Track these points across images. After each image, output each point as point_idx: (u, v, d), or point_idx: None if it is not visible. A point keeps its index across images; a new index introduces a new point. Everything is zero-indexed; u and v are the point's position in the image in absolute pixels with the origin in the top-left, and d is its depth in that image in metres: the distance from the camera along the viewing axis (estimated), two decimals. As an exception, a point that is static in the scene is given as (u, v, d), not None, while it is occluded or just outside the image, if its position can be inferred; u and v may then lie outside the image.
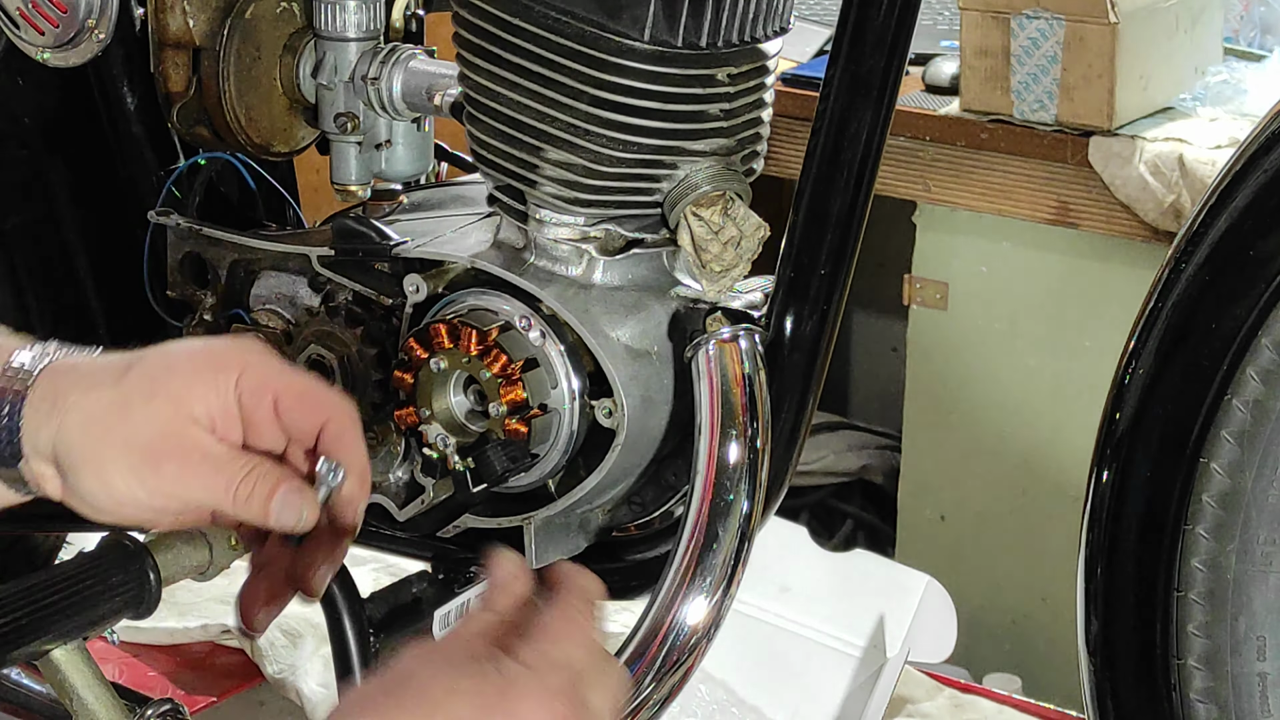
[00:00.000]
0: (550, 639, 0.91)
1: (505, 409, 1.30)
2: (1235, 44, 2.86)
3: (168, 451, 1.00)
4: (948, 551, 2.95)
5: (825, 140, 1.28)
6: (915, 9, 1.27)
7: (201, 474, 1.01)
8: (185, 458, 1.00)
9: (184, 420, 1.01)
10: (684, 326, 1.30)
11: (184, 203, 1.50)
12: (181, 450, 1.00)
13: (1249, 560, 1.21)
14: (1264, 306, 1.17)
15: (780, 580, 1.92)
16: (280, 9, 1.46)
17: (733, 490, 1.25)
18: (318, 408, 1.03)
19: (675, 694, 1.27)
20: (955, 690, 2.02)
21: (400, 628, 1.52)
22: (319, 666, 1.97)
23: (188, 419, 1.01)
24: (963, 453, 2.93)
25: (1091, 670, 1.28)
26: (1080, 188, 2.67)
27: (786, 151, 2.69)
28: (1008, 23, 2.64)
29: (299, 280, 1.43)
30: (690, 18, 1.24)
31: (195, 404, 1.01)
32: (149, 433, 1.00)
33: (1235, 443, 1.19)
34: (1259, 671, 1.23)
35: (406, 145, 1.47)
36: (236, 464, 1.01)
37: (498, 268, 1.33)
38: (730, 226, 1.27)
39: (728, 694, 1.90)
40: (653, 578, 1.30)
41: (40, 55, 1.47)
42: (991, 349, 2.86)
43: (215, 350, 1.04)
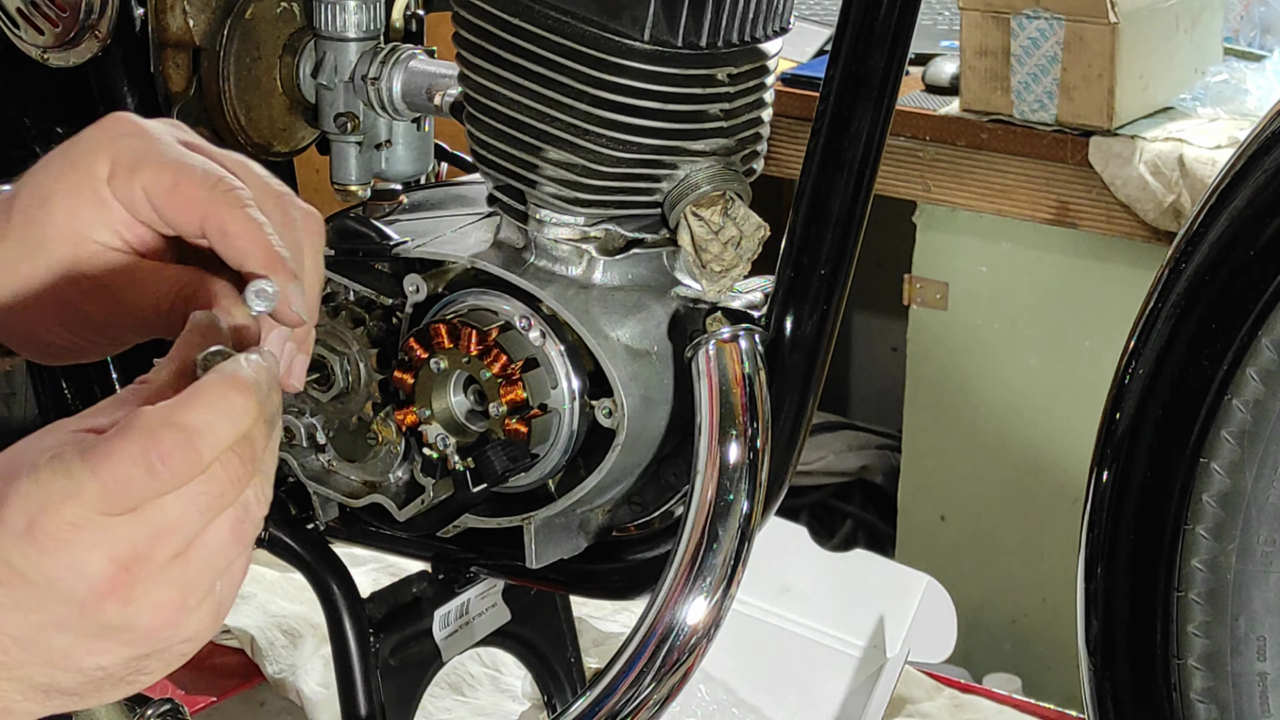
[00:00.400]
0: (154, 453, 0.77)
1: (505, 409, 1.30)
2: (1235, 44, 2.86)
3: (88, 289, 0.92)
4: (948, 551, 2.95)
5: (825, 140, 1.28)
6: (915, 9, 1.26)
7: (126, 292, 0.92)
8: (102, 285, 0.91)
9: (91, 251, 0.91)
10: (684, 326, 1.30)
11: (184, 203, 1.50)
12: (102, 282, 0.91)
13: (1249, 560, 1.21)
14: (1264, 306, 1.17)
15: (780, 580, 1.92)
16: (280, 9, 1.46)
17: (733, 490, 1.25)
18: (189, 204, 0.90)
19: (675, 694, 1.27)
20: (955, 690, 2.02)
21: (400, 628, 1.52)
22: (319, 666, 1.97)
23: (93, 248, 0.92)
24: (963, 453, 2.93)
25: (1091, 670, 1.28)
26: (1080, 188, 2.67)
27: (786, 151, 2.69)
28: (1008, 23, 2.64)
29: (299, 280, 1.43)
30: (690, 18, 1.24)
31: (92, 228, 0.91)
32: (53, 281, 0.92)
33: (1235, 443, 1.19)
34: (1259, 671, 1.23)
35: (406, 145, 1.47)
36: (162, 281, 0.91)
37: (498, 268, 1.33)
38: (730, 226, 1.27)
39: (728, 694, 1.90)
40: (653, 578, 1.30)
41: (40, 55, 1.47)
42: (991, 349, 2.86)
43: (81, 154, 0.92)
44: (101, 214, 0.91)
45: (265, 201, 0.93)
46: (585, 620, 2.02)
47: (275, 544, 1.49)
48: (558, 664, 1.66)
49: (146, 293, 0.91)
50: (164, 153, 0.91)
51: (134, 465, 0.76)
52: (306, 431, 1.40)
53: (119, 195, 0.90)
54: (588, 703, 1.27)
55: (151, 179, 0.90)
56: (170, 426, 0.77)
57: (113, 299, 0.91)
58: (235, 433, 0.78)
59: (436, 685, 1.78)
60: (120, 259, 0.92)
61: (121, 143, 0.91)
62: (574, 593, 1.56)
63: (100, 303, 0.92)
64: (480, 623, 1.58)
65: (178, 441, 0.76)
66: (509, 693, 1.97)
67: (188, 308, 0.88)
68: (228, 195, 0.90)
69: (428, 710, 1.90)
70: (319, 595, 1.50)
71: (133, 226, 0.91)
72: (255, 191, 0.92)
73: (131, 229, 0.91)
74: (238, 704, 1.99)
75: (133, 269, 0.92)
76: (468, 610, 1.56)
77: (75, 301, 0.92)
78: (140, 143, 0.91)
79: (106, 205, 0.91)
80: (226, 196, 0.90)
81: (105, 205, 0.91)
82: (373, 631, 1.49)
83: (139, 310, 0.92)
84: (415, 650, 1.53)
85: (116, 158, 0.90)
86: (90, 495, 0.76)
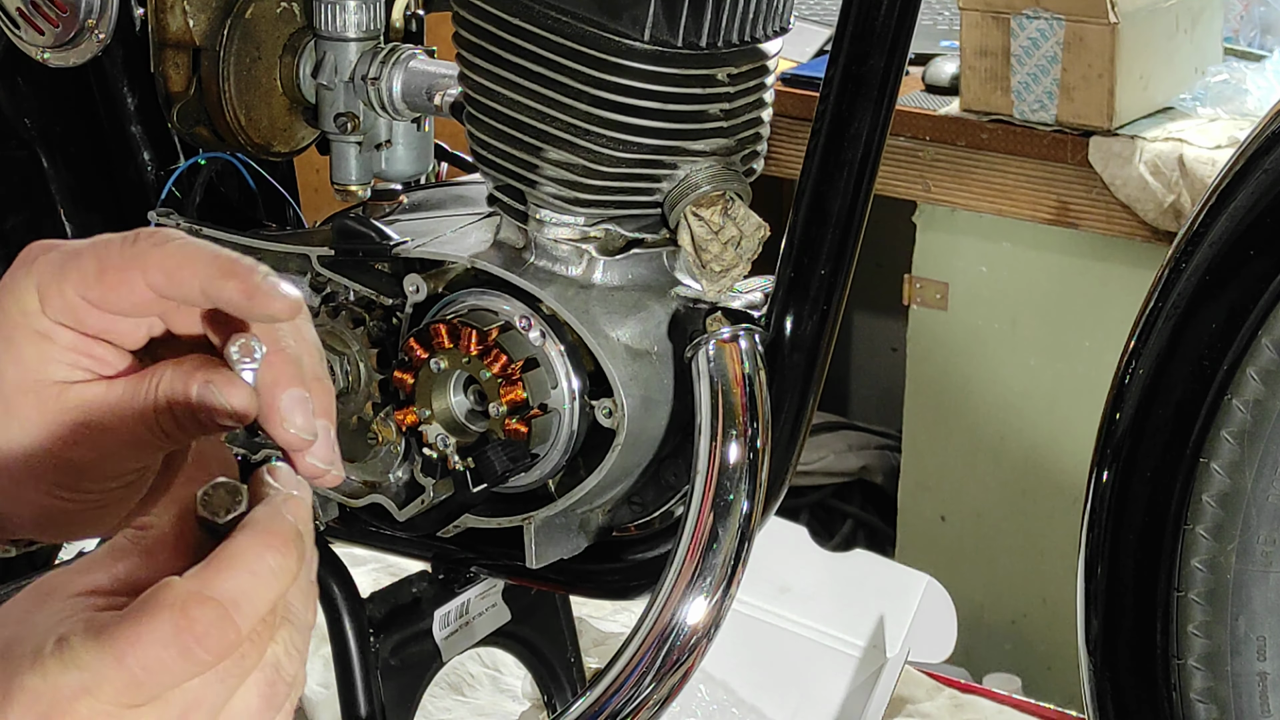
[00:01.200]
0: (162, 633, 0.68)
1: (505, 409, 1.30)
2: (1235, 44, 2.86)
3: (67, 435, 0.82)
4: (948, 551, 2.95)
5: (825, 140, 1.28)
6: (915, 9, 1.26)
7: (109, 431, 0.82)
8: (83, 429, 0.82)
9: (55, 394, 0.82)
10: (684, 326, 1.30)
11: (184, 203, 1.50)
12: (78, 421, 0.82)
13: (1249, 560, 1.21)
14: (1264, 306, 1.17)
15: (780, 580, 1.92)
16: (280, 9, 1.46)
17: (733, 490, 1.25)
18: (120, 274, 0.80)
19: (675, 694, 1.27)
20: (955, 690, 2.02)
21: (400, 628, 1.52)
22: (319, 666, 1.97)
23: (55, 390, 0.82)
24: (963, 453, 2.93)
25: (1091, 670, 1.28)
26: (1080, 188, 2.67)
27: (786, 151, 2.69)
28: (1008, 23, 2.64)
29: (299, 280, 1.43)
30: (690, 18, 1.24)
31: (45, 368, 0.82)
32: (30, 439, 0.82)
33: (1235, 443, 1.19)
34: (1259, 671, 1.23)
35: (406, 145, 1.47)
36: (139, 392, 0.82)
37: (498, 268, 1.33)
38: (730, 226, 1.27)
39: (728, 694, 1.90)
40: (653, 578, 1.30)
41: (40, 55, 1.47)
42: (991, 349, 2.86)
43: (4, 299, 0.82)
44: (49, 349, 0.82)
45: None
46: (585, 620, 2.02)
47: (275, 544, 1.48)
48: (558, 664, 1.66)
49: (128, 411, 0.82)
50: (77, 250, 0.81)
51: (165, 649, 0.67)
52: (306, 431, 1.40)
53: (59, 318, 0.81)
54: (588, 703, 1.27)
55: (77, 278, 0.80)
56: (205, 602, 0.68)
57: (96, 434, 0.82)
58: (275, 598, 0.70)
59: (436, 685, 1.78)
60: (88, 390, 0.82)
61: (38, 267, 0.81)
62: (574, 593, 1.56)
63: (85, 444, 0.82)
64: (480, 623, 1.58)
65: (215, 619, 0.68)
66: (509, 693, 1.98)
67: (175, 408, 0.80)
68: (151, 239, 0.80)
69: (428, 710, 1.90)
70: (319, 595, 1.50)
71: (88, 348, 0.82)
72: None
73: (87, 352, 0.82)
74: (238, 704, 1.99)
75: (104, 393, 0.82)
76: (468, 610, 1.56)
77: (59, 453, 0.82)
78: (55, 255, 0.81)
79: (50, 338, 0.81)
80: (150, 241, 0.80)
81: (48, 338, 0.81)
82: (373, 631, 1.49)
83: (128, 433, 0.82)
84: (415, 650, 1.53)
85: (39, 283, 0.81)
86: (112, 688, 0.67)
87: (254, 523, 0.71)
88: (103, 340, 0.82)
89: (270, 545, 0.70)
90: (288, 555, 0.70)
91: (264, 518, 0.71)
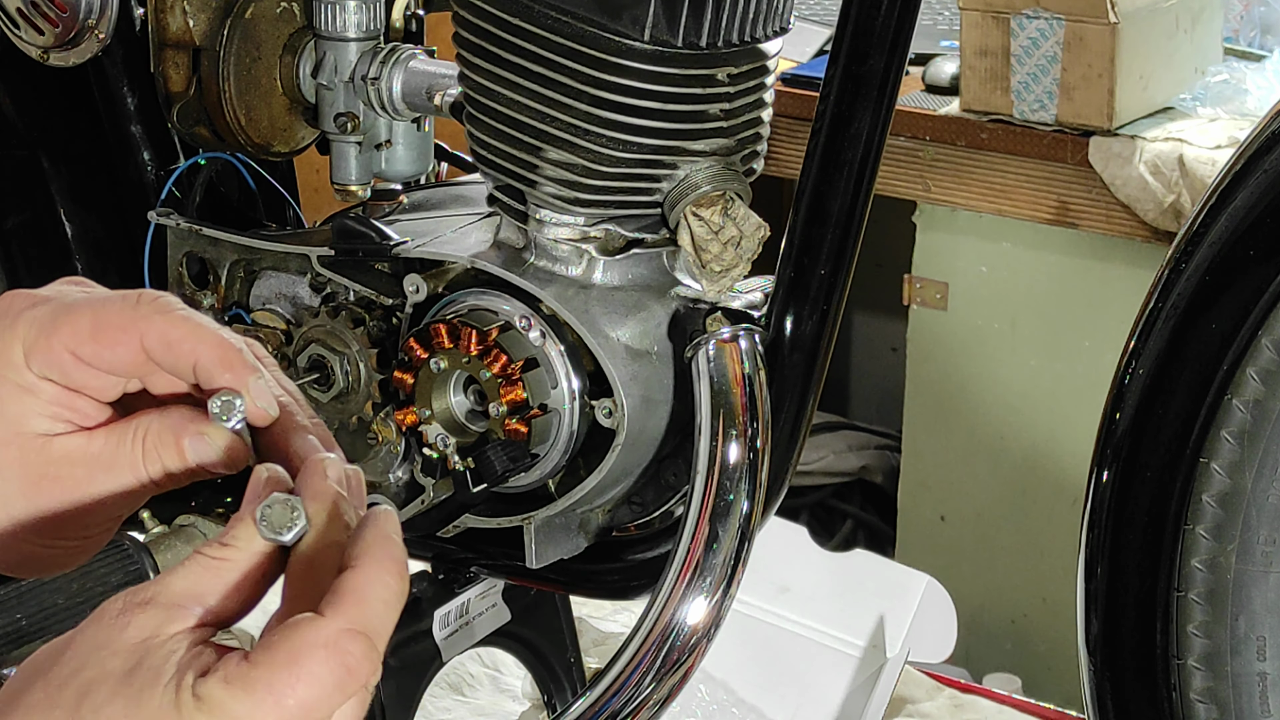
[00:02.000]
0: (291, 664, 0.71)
1: (505, 409, 1.30)
2: (1235, 44, 2.86)
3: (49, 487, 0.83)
4: (948, 551, 2.95)
5: (825, 140, 1.28)
6: (915, 9, 1.26)
7: (97, 481, 0.83)
8: (67, 480, 0.83)
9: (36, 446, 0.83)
10: (684, 326, 1.30)
11: (184, 203, 1.50)
12: (60, 473, 0.83)
13: (1249, 560, 1.21)
14: (1264, 306, 1.17)
15: (780, 580, 1.92)
16: (280, 9, 1.46)
17: (733, 490, 1.25)
18: (118, 334, 0.82)
19: (675, 694, 1.27)
20: (955, 690, 2.02)
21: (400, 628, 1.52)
22: (319, 666, 1.96)
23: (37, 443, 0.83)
24: (963, 453, 2.93)
25: (1091, 670, 1.28)
26: (1080, 188, 2.67)
27: (786, 151, 2.69)
28: (1008, 23, 2.64)
29: (299, 280, 1.43)
30: (690, 18, 1.24)
31: (27, 420, 0.83)
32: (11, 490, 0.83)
33: (1235, 443, 1.19)
34: (1259, 671, 1.23)
35: (406, 145, 1.47)
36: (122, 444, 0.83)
37: (498, 268, 1.33)
38: (730, 226, 1.27)
39: (728, 694, 1.90)
40: (653, 578, 1.30)
41: (40, 55, 1.47)
42: (991, 349, 2.86)
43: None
44: (31, 402, 0.82)
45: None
46: (585, 620, 2.02)
47: (275, 544, 1.48)
48: (558, 664, 1.66)
49: (113, 462, 0.83)
50: (72, 305, 0.82)
51: (324, 686, 0.71)
52: (306, 431, 1.40)
53: (45, 371, 0.82)
54: (588, 703, 1.27)
55: (69, 333, 0.81)
56: (357, 638, 0.72)
57: (78, 484, 0.83)
58: (397, 618, 0.74)
59: (436, 685, 1.77)
60: (69, 441, 0.83)
61: (24, 319, 0.82)
62: (574, 593, 1.56)
63: (67, 493, 0.83)
64: (480, 623, 1.58)
65: (366, 651, 0.72)
66: (509, 693, 1.97)
67: (164, 458, 0.82)
68: (154, 305, 0.82)
69: (428, 710, 1.90)
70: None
71: (70, 401, 0.83)
72: None
73: (70, 405, 0.83)
74: (238, 704, 1.99)
75: (85, 445, 0.83)
76: (468, 610, 1.56)
77: (40, 504, 0.83)
78: (43, 310, 0.82)
79: (33, 391, 0.82)
80: (154, 306, 0.82)
81: (32, 391, 0.82)
82: (373, 631, 1.49)
83: (113, 483, 0.83)
84: (415, 650, 1.53)
85: (25, 336, 0.82)
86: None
87: (371, 549, 0.74)
88: (84, 395, 0.83)
89: (393, 572, 0.74)
90: (405, 578, 0.74)
91: (377, 542, 0.75)
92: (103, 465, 0.83)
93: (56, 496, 0.83)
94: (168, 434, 0.82)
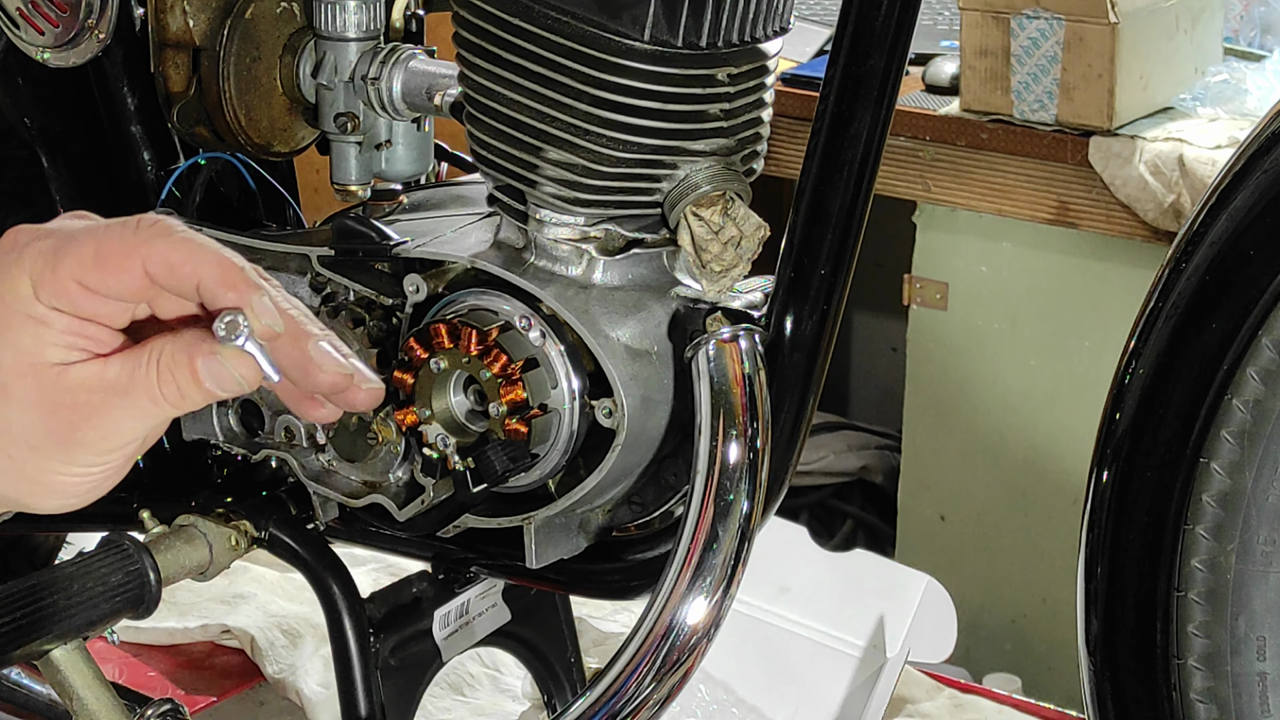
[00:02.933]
0: None
1: (505, 409, 1.30)
2: (1235, 44, 2.86)
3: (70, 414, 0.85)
4: (948, 551, 2.95)
5: (825, 140, 1.28)
6: (915, 9, 1.27)
7: (114, 407, 0.84)
8: (85, 408, 0.84)
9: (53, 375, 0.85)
10: (684, 326, 1.30)
11: (184, 203, 1.50)
12: (79, 400, 0.84)
13: (1249, 560, 1.21)
14: (1264, 306, 1.17)
15: (780, 580, 1.92)
16: (280, 9, 1.46)
17: (733, 490, 1.25)
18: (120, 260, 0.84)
19: (675, 694, 1.27)
20: (955, 690, 2.02)
21: (400, 628, 1.52)
22: (319, 666, 1.97)
23: (53, 372, 0.85)
24: (963, 453, 2.93)
25: (1091, 670, 1.28)
26: (1080, 188, 2.67)
27: (786, 151, 2.69)
28: (1008, 23, 2.64)
29: (299, 280, 1.43)
30: (690, 18, 1.24)
31: (42, 351, 0.84)
32: (30, 420, 0.85)
33: (1235, 443, 1.19)
34: (1259, 671, 1.23)
35: (406, 145, 1.47)
36: (138, 369, 0.84)
37: (498, 268, 1.33)
38: (730, 226, 1.27)
39: (728, 694, 1.90)
40: (653, 578, 1.30)
41: (40, 55, 1.47)
42: (991, 349, 2.86)
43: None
44: (44, 333, 0.84)
45: None
46: (585, 620, 2.02)
47: (275, 544, 1.49)
48: (558, 664, 1.66)
49: (129, 387, 0.84)
50: (74, 235, 0.85)
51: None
52: (306, 431, 1.40)
53: (54, 302, 0.84)
54: (588, 703, 1.27)
55: (74, 263, 0.83)
56: None
57: (95, 410, 0.85)
58: None
59: (436, 685, 1.78)
60: (85, 369, 0.85)
61: (29, 252, 0.84)
62: (574, 593, 1.56)
63: (85, 419, 0.85)
64: (480, 623, 1.58)
65: None
66: (509, 693, 1.98)
67: (177, 379, 0.83)
68: (154, 229, 0.84)
69: (428, 710, 1.90)
70: (319, 595, 1.50)
71: (82, 329, 0.85)
72: None
73: (82, 333, 0.85)
74: (238, 704, 1.99)
75: (101, 372, 0.85)
76: (468, 610, 1.56)
77: (62, 433, 0.85)
78: (46, 243, 0.84)
79: (45, 322, 0.84)
80: (154, 230, 0.84)
81: (44, 322, 0.84)
82: (373, 631, 1.49)
83: (130, 408, 0.85)
84: (415, 650, 1.53)
85: (32, 269, 0.84)
86: None
87: None
88: (95, 323, 0.85)
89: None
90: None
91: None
92: (119, 391, 0.84)
93: (75, 423, 0.84)
94: (180, 355, 0.83)
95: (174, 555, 1.42)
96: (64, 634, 1.29)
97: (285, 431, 1.40)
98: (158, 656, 2.05)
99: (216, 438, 1.44)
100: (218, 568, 1.46)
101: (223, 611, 2.08)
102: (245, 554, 1.47)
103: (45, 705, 1.72)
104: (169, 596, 1.19)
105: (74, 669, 1.32)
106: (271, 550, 1.49)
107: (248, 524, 1.47)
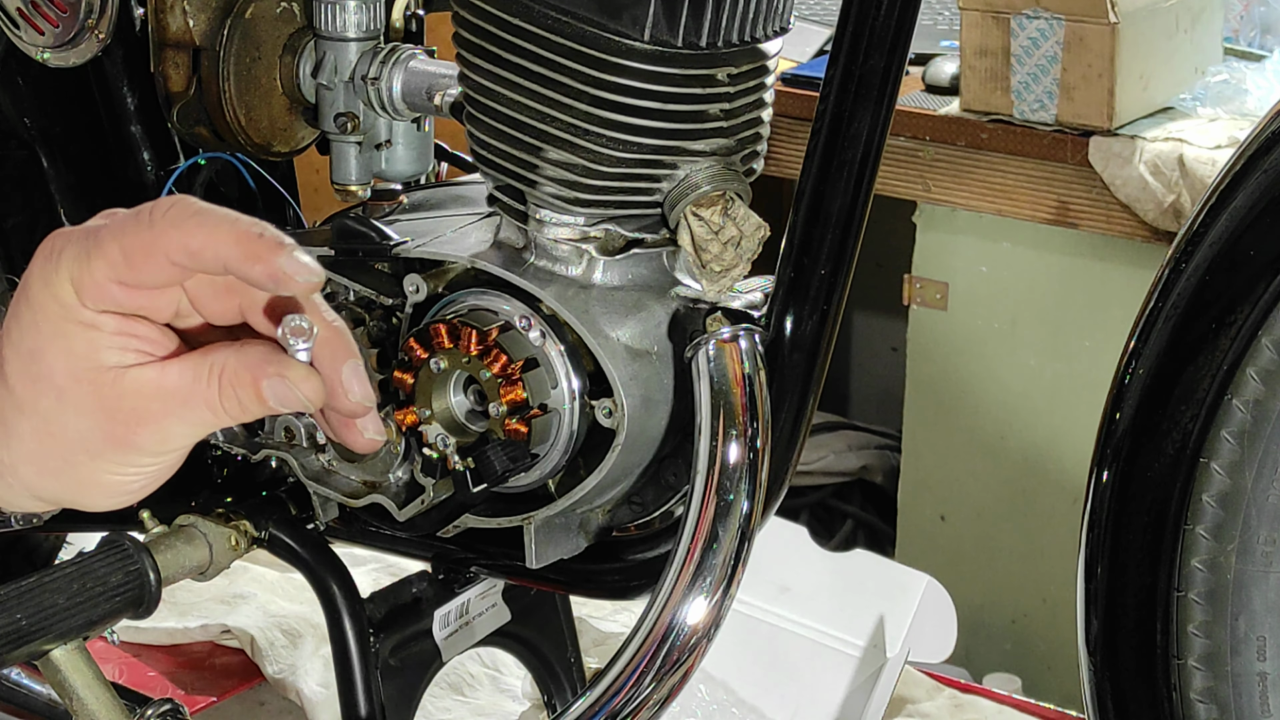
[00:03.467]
0: None
1: (505, 409, 1.30)
2: (1235, 44, 2.86)
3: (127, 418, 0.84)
4: (948, 551, 2.95)
5: (825, 140, 1.28)
6: (915, 9, 1.26)
7: (172, 415, 0.84)
8: (142, 413, 0.84)
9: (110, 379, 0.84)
10: (684, 326, 1.30)
11: (184, 203, 1.50)
12: (137, 403, 0.84)
13: (1249, 560, 1.21)
14: (1264, 306, 1.17)
15: (780, 580, 1.92)
16: (280, 9, 1.46)
17: (733, 490, 1.25)
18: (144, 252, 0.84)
19: (675, 694, 1.27)
20: (955, 690, 2.02)
21: (400, 628, 1.52)
22: (319, 666, 1.97)
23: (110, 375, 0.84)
24: (963, 453, 2.93)
25: (1091, 670, 1.28)
26: (1080, 188, 2.67)
27: (786, 151, 2.69)
28: (1008, 23, 2.64)
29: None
30: (690, 18, 1.24)
31: (96, 354, 0.84)
32: (87, 425, 0.85)
33: (1235, 443, 1.19)
34: (1259, 671, 1.23)
35: (406, 145, 1.47)
36: (198, 380, 0.84)
37: (498, 268, 1.33)
38: (730, 226, 1.27)
39: (728, 694, 1.90)
40: (653, 578, 1.30)
41: (40, 55, 1.47)
42: (991, 349, 2.86)
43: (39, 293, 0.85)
44: (96, 336, 0.84)
45: None
46: (585, 620, 2.02)
47: (275, 544, 1.49)
48: (558, 664, 1.66)
49: (188, 398, 0.84)
50: (99, 236, 0.84)
51: None
52: (306, 431, 1.40)
53: (100, 305, 0.84)
54: (588, 703, 1.27)
55: (105, 265, 0.83)
56: None
57: (154, 417, 0.84)
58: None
59: (436, 685, 1.78)
60: (143, 374, 0.84)
61: (66, 256, 0.84)
62: (574, 593, 1.56)
63: (143, 424, 0.84)
64: (480, 623, 1.58)
65: None
66: (509, 693, 1.98)
67: (240, 396, 0.83)
68: (167, 218, 0.83)
69: (428, 710, 1.90)
70: (319, 595, 1.50)
71: (132, 329, 0.85)
72: None
73: (132, 333, 0.85)
74: (238, 704, 1.99)
75: (159, 377, 0.84)
76: (468, 610, 1.56)
77: (120, 436, 0.85)
78: (79, 245, 0.84)
79: (95, 325, 0.84)
80: (167, 220, 0.83)
81: (94, 326, 0.84)
82: (373, 631, 1.49)
83: (189, 417, 0.84)
84: (415, 650, 1.53)
85: (73, 273, 0.84)
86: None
87: None
88: (142, 318, 0.85)
89: None
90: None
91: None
92: (178, 400, 0.84)
93: (132, 428, 0.84)
94: (244, 373, 0.83)
95: (174, 555, 1.42)
96: (64, 634, 1.29)
97: (285, 431, 1.40)
98: (158, 656, 2.05)
99: (216, 437, 1.44)
100: (218, 568, 1.46)
101: (223, 611, 2.08)
102: (245, 554, 1.47)
103: (45, 705, 1.72)
104: (169, 596, 1.19)
105: (74, 669, 1.32)
106: (271, 550, 1.49)
107: (248, 524, 1.47)
